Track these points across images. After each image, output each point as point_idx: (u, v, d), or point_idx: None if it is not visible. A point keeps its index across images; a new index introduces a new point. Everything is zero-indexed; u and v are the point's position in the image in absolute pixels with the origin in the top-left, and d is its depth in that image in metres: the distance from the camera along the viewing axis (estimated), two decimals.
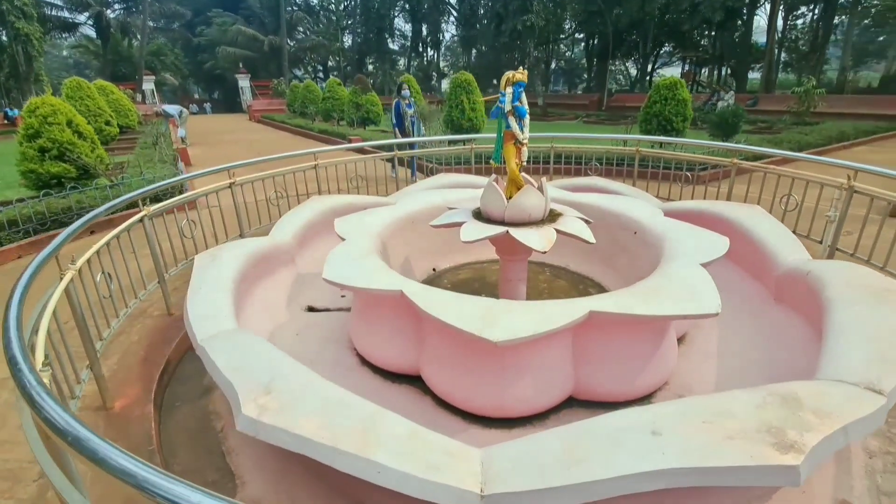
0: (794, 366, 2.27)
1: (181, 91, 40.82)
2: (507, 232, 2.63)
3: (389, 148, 5.88)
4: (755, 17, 22.52)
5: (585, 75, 37.30)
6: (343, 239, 2.98)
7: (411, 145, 6.62)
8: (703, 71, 32.90)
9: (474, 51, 32.10)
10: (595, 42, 26.71)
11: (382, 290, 2.26)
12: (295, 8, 32.85)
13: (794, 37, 24.18)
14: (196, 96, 50.64)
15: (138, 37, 30.80)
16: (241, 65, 31.34)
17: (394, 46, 32.73)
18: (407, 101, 7.51)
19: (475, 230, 2.70)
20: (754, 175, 4.10)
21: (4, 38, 27.57)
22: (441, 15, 30.87)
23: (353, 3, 33.97)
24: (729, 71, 25.56)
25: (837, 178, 3.44)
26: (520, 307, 2.02)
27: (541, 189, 2.71)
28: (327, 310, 3.41)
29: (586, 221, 2.83)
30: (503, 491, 1.20)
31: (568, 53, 34.12)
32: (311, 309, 3.41)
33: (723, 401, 1.47)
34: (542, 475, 1.23)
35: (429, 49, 32.81)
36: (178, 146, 10.82)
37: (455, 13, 31.34)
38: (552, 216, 2.85)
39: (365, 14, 30.96)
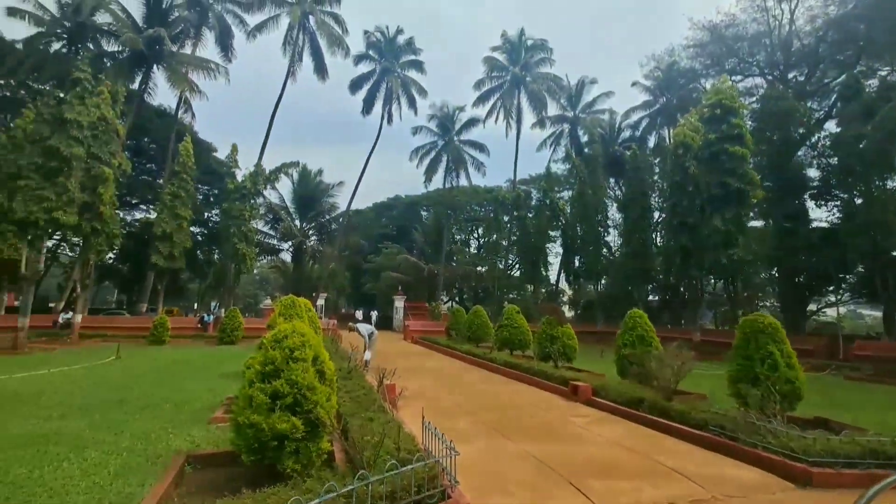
0: None
1: (331, 307, 45.23)
2: None
3: None
4: None
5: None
6: None
7: None
8: None
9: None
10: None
11: None
12: (455, 242, 36.91)
13: None
14: (342, 310, 56.20)
15: (321, 262, 36.16)
16: (399, 288, 33.92)
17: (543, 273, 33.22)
18: None
19: None
20: None
21: (217, 255, 34.10)
22: (601, 249, 31.54)
23: (511, 238, 37.09)
24: None
25: None
26: None
27: None
28: None
29: None
30: None
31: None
32: None
33: None
34: None
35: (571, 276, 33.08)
36: (370, 378, 9.04)
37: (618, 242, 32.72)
38: None
39: (523, 247, 32.89)
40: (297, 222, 38.24)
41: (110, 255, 30.45)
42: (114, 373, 11.62)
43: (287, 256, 40.51)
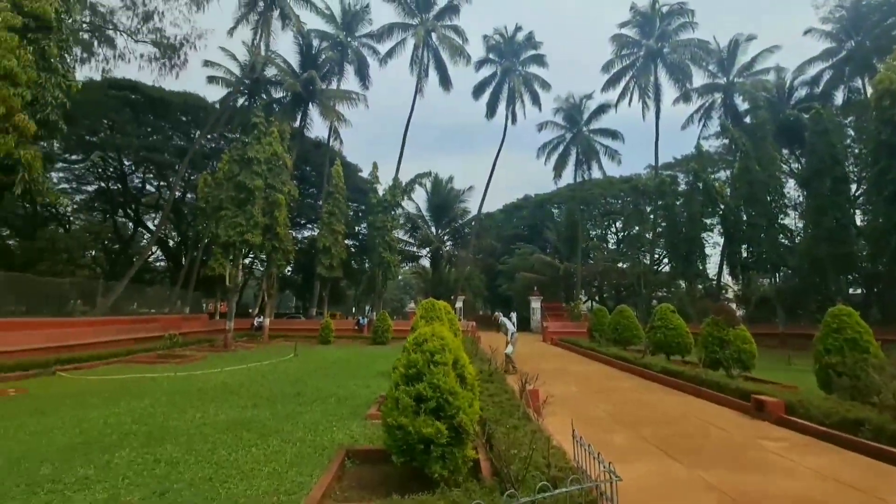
0: None
1: (469, 309, 46.23)
2: None
3: None
4: None
5: None
6: None
7: None
8: None
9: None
10: None
11: None
12: (591, 239, 34.79)
13: None
14: (480, 312, 57.22)
15: (457, 266, 37.48)
16: (535, 288, 33.19)
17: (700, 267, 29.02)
18: None
19: None
20: None
21: (367, 264, 37.90)
22: (777, 234, 26.35)
23: (655, 229, 33.55)
24: None
25: None
26: None
27: None
28: None
29: None
30: None
31: None
32: None
33: None
34: None
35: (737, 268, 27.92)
36: (511, 381, 8.79)
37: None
38: None
39: (671, 239, 29.37)
40: (433, 229, 40.35)
41: (287, 268, 36.11)
42: (292, 369, 13.54)
43: (426, 262, 43.05)
